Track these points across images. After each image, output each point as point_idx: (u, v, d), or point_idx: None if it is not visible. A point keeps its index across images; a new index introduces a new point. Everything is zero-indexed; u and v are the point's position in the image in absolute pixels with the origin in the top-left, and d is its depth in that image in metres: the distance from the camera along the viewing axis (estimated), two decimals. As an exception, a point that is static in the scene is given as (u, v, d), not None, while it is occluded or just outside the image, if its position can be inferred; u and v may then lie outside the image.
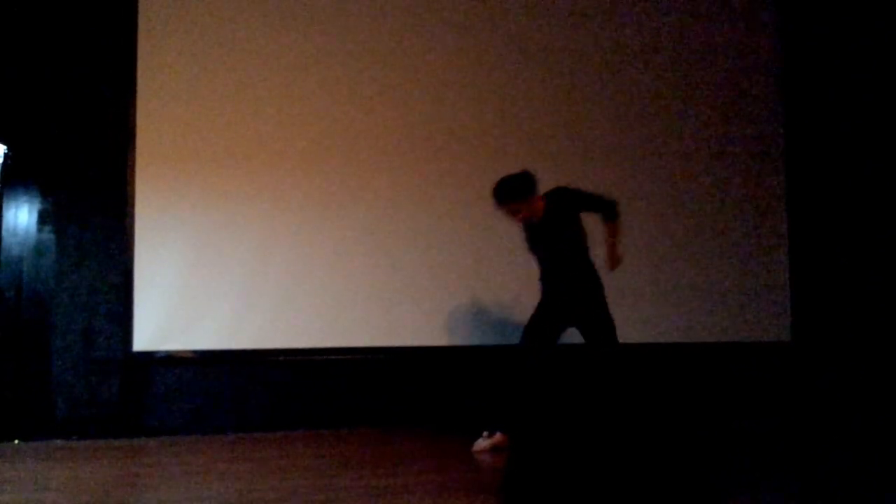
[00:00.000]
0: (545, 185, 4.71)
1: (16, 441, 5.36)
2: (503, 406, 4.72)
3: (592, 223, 4.73)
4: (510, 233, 5.88)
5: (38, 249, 5.61)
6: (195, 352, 5.63)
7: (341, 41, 5.96)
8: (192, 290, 5.65)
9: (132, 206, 5.62)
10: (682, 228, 6.24)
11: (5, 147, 5.40)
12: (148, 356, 5.59)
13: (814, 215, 6.36)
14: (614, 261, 4.71)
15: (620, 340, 4.65)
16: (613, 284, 4.77)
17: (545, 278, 4.77)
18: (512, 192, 4.53)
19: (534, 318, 4.72)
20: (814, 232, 6.36)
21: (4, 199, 5.58)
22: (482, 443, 4.76)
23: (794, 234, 6.40)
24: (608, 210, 4.63)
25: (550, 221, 4.60)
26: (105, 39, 5.72)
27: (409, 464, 4.66)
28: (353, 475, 4.34)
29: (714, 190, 6.37)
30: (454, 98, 6.08)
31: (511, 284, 5.85)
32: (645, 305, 6.04)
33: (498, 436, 4.73)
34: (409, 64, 6.06)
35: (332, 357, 5.80)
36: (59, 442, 5.37)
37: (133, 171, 5.64)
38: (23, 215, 5.62)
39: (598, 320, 4.62)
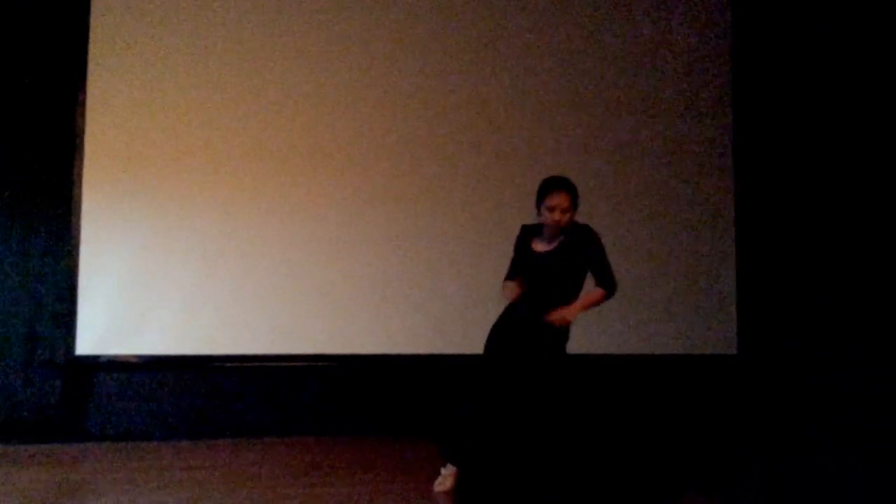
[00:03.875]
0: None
1: (-48, 446, 5.22)
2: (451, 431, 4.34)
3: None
4: (469, 238, 6.05)
5: (-20, 250, 5.49)
6: (140, 356, 5.54)
7: (296, 39, 5.91)
8: (138, 293, 5.56)
9: (78, 207, 5.51)
10: (628, 241, 6.27)
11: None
12: (91, 360, 5.49)
13: (761, 229, 6.46)
14: (561, 317, 4.16)
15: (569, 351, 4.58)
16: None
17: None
18: (577, 196, 4.22)
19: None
20: (761, 246, 6.46)
21: (-54, 198, 5.46)
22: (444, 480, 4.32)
23: (742, 248, 6.49)
24: (609, 286, 4.25)
25: (563, 255, 4.21)
26: (55, 41, 5.61)
27: (357, 473, 4.63)
28: (304, 484, 4.33)
29: (661, 203, 6.41)
30: (415, 103, 6.07)
31: (469, 290, 5.87)
32: (591, 317, 6.03)
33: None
34: (377, 61, 6.03)
35: (280, 364, 5.74)
36: (-3, 446, 5.25)
37: (80, 172, 5.53)
38: (-36, 215, 5.49)
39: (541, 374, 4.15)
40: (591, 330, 5.63)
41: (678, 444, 5.72)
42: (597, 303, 4.27)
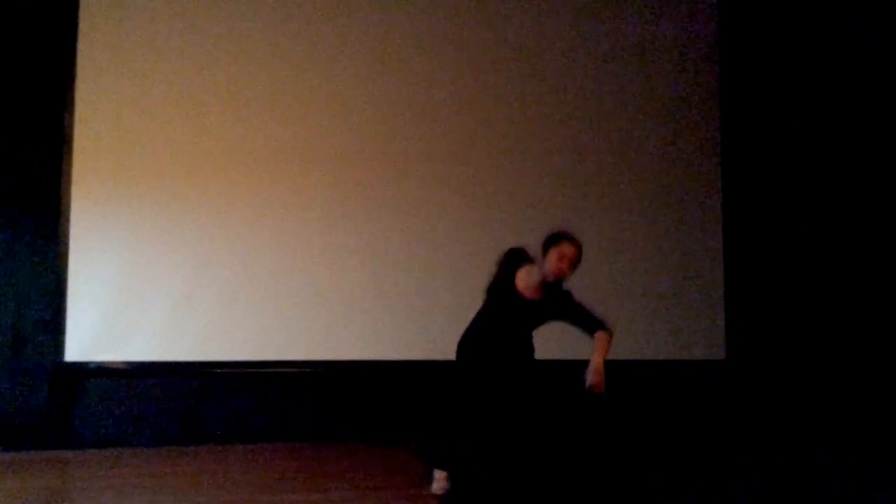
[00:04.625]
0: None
1: (-63, 452, 5.19)
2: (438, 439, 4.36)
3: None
4: (461, 243, 6.08)
5: (-33, 254, 5.46)
6: (129, 363, 5.52)
7: (285, 45, 5.93)
8: (127, 299, 5.55)
9: (67, 212, 5.50)
10: (617, 247, 6.30)
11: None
12: (79, 366, 5.46)
13: (749, 235, 6.49)
14: (598, 382, 4.09)
15: (557, 357, 4.60)
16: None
17: (489, 351, 4.34)
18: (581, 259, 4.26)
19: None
20: (748, 251, 6.48)
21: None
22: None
23: (729, 254, 6.52)
24: (605, 327, 4.20)
25: (541, 307, 4.23)
26: (43, 44, 5.60)
27: (344, 479, 4.62)
28: (287, 490, 4.33)
29: (649, 209, 6.45)
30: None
31: (461, 296, 5.84)
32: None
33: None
34: (369, 68, 6.07)
35: (270, 370, 5.73)
36: (-18, 453, 5.21)
37: (69, 176, 5.53)
38: (-48, 219, 5.45)
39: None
40: (578, 335, 5.62)
41: (664, 448, 5.72)
42: (609, 346, 4.21)
